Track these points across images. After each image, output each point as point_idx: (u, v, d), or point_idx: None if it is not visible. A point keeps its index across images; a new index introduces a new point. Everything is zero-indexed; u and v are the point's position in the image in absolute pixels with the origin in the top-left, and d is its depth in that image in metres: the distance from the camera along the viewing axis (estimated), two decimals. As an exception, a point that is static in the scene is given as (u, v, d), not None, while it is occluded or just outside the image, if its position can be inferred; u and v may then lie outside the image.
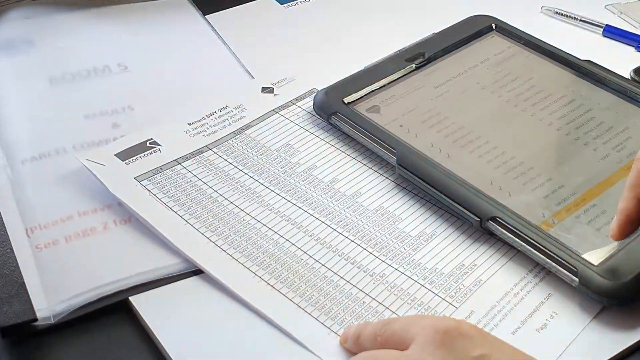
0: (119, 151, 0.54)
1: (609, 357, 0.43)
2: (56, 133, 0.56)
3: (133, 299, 0.46)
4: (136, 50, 0.65)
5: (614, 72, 0.59)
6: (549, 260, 0.46)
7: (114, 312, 0.46)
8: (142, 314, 0.45)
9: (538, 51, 0.62)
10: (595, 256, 0.45)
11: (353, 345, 0.42)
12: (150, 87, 0.61)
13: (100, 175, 0.52)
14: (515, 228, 0.47)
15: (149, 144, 0.54)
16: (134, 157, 0.53)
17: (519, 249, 0.47)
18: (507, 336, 0.44)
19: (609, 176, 0.51)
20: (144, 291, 0.46)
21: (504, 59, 0.61)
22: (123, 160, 0.53)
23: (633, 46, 0.66)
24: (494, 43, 0.63)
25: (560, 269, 0.45)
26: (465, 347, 0.37)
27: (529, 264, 0.47)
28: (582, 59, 0.60)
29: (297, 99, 0.59)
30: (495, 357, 0.37)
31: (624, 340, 0.44)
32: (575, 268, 0.45)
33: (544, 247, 0.46)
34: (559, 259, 0.45)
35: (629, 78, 0.60)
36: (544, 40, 0.62)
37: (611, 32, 0.67)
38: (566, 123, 0.55)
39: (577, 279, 0.45)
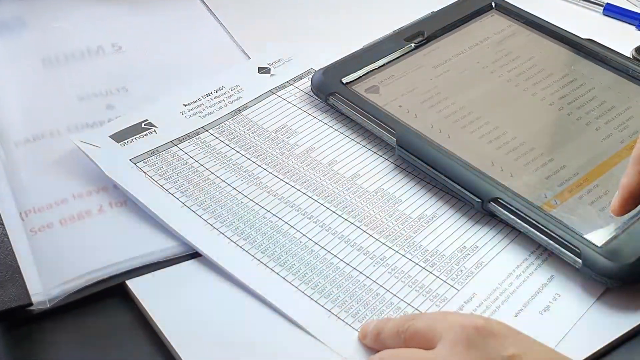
0: (113, 133, 0.53)
1: (612, 339, 0.42)
2: (50, 115, 0.56)
3: (130, 283, 0.45)
4: (130, 31, 0.64)
5: (616, 51, 0.58)
6: (551, 242, 0.45)
7: (110, 296, 0.45)
8: (139, 298, 0.44)
9: (538, 30, 0.61)
10: (598, 237, 0.45)
11: (373, 342, 0.41)
12: (145, 67, 0.60)
13: (95, 157, 0.51)
14: (517, 209, 0.46)
15: (144, 125, 0.54)
16: (129, 139, 0.52)
17: (521, 230, 0.47)
18: (510, 318, 0.43)
19: (612, 156, 0.50)
20: (140, 275, 0.45)
21: (504, 38, 0.61)
22: (118, 142, 0.52)
23: (634, 25, 0.65)
24: (494, 22, 0.62)
25: (563, 250, 0.45)
26: (496, 346, 0.36)
27: (531, 246, 0.47)
28: (583, 37, 0.59)
29: (295, 80, 0.58)
30: (527, 357, 0.36)
31: (627, 322, 0.43)
32: (578, 249, 0.44)
33: (546, 228, 0.45)
34: (561, 240, 0.45)
35: (631, 57, 0.59)
36: (545, 19, 0.61)
37: (612, 10, 0.66)
38: (568, 103, 0.55)
39: (580, 261, 0.44)
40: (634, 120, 0.53)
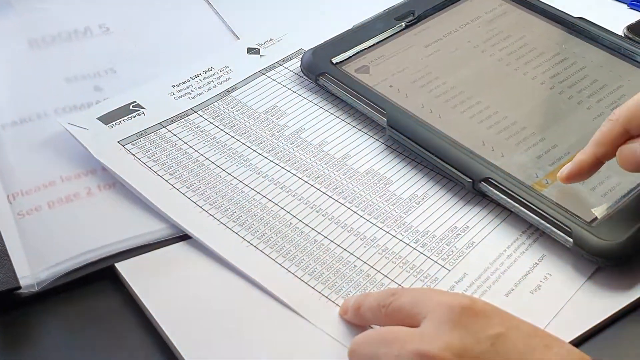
0: (101, 114, 0.52)
1: (603, 318, 0.42)
2: (37, 97, 0.55)
3: (119, 266, 0.45)
4: (118, 11, 0.63)
5: (607, 30, 0.58)
6: (542, 221, 0.45)
7: (99, 279, 0.45)
8: (128, 281, 0.44)
9: (530, 9, 0.60)
10: (589, 216, 0.45)
11: (354, 317, 0.41)
12: (132, 49, 0.59)
13: (83, 139, 0.50)
14: (508, 189, 0.46)
15: (133, 107, 0.53)
16: (117, 121, 0.52)
17: (512, 210, 0.46)
18: (501, 298, 0.43)
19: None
20: (130, 257, 0.45)
21: (495, 17, 0.60)
22: (106, 124, 0.52)
23: (626, 3, 0.64)
24: (484, 1, 0.61)
25: (554, 229, 0.45)
26: (482, 326, 0.36)
27: (522, 225, 0.47)
28: (574, 16, 0.59)
29: (284, 60, 0.58)
30: (513, 335, 0.35)
31: (618, 301, 0.43)
32: (570, 228, 0.44)
33: (537, 207, 0.45)
34: (552, 219, 0.45)
35: (622, 35, 0.59)
36: (536, -3, 0.61)
37: (604, -11, 0.66)
38: (559, 81, 0.54)
39: (571, 240, 0.44)
40: (625, 99, 0.52)
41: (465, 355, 0.35)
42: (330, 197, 0.48)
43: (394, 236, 0.46)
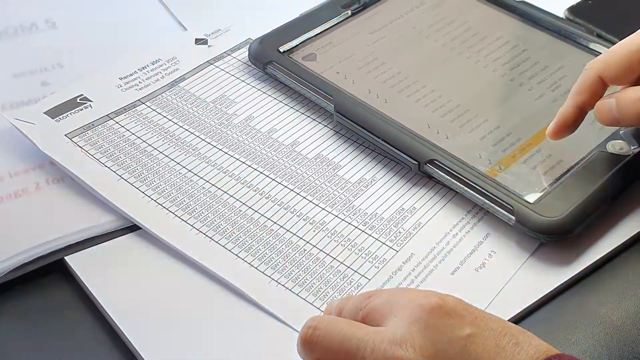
0: (48, 109, 0.52)
1: (546, 292, 0.43)
2: (-17, 93, 0.55)
3: (69, 259, 0.45)
4: (64, 6, 0.62)
5: (549, 12, 0.59)
6: (486, 200, 0.46)
7: (50, 273, 0.45)
8: (78, 274, 0.44)
9: (473, -7, 0.61)
10: (530, 194, 0.46)
11: None
12: (79, 43, 0.59)
13: (30, 134, 0.50)
14: (453, 170, 0.47)
15: (79, 100, 0.53)
16: (64, 114, 0.52)
17: (457, 190, 0.47)
18: (447, 276, 0.44)
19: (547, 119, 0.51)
20: (80, 250, 0.45)
21: (439, 3, 0.61)
22: (53, 118, 0.51)
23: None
24: (429, -13, 0.62)
25: (497, 208, 0.46)
26: (453, 327, 0.35)
27: (467, 205, 0.48)
28: (517, 0, 0.60)
29: (232, 50, 0.58)
30: (484, 335, 0.35)
31: (561, 275, 0.44)
32: (511, 206, 0.45)
33: (480, 187, 0.46)
34: (495, 198, 0.46)
35: (563, 17, 0.60)
36: (479, -17, 0.62)
37: (546, -28, 0.67)
38: (502, 64, 0.55)
39: (513, 217, 0.45)
40: (566, 79, 0.54)
41: (437, 357, 0.34)
42: (279, 183, 0.49)
43: (343, 219, 0.47)
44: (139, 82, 0.55)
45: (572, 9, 0.61)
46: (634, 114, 0.43)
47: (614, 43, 0.56)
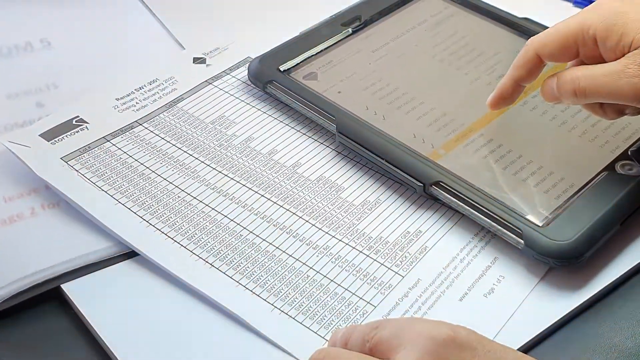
0: (43, 131, 0.51)
1: (557, 319, 0.42)
2: (-24, 115, 0.54)
3: (65, 287, 0.44)
4: (59, 25, 0.61)
5: (553, 29, 0.58)
6: (493, 223, 0.45)
7: (46, 301, 0.44)
8: (75, 302, 0.43)
9: (475, 11, 0.60)
10: (539, 217, 0.45)
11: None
12: (75, 63, 0.58)
13: (25, 157, 0.49)
14: (459, 192, 0.46)
15: (75, 121, 0.52)
16: (60, 137, 0.51)
17: (464, 212, 0.46)
18: (455, 303, 0.43)
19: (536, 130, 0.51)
20: (76, 278, 0.44)
21: (442, 20, 0.60)
22: (48, 141, 0.50)
23: (570, 2, 0.65)
24: (430, 4, 0.61)
25: (505, 231, 0.44)
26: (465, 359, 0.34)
27: (474, 228, 0.47)
28: (519, 17, 0.59)
29: (231, 69, 0.57)
30: None
31: (572, 300, 0.43)
32: (520, 230, 0.44)
33: (488, 209, 0.45)
34: (503, 221, 0.44)
35: (568, 34, 0.59)
36: (481, 0, 0.61)
37: (548, -12, 0.66)
38: (506, 82, 0.54)
39: (522, 241, 0.44)
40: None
41: None
42: (281, 206, 0.48)
43: (347, 244, 0.46)
44: (136, 103, 0.54)
45: (576, 26, 0.60)
46: (569, 91, 0.44)
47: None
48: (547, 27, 0.58)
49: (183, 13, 0.63)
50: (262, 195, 0.48)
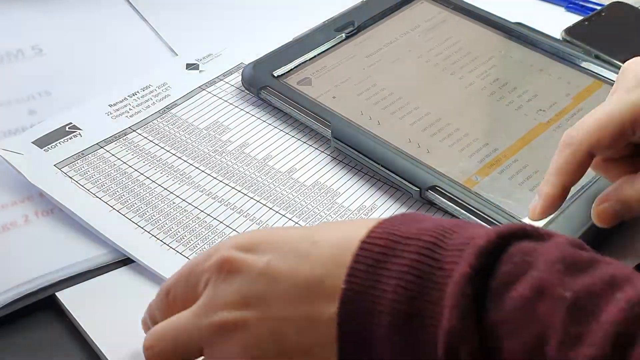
0: (36, 138, 0.51)
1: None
2: (-32, 123, 0.53)
3: (60, 295, 0.43)
4: (51, 32, 0.61)
5: (546, 34, 0.58)
6: (488, 226, 0.45)
7: (41, 309, 0.43)
8: (70, 310, 0.43)
9: (469, 16, 0.61)
10: (535, 222, 0.45)
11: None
12: (67, 69, 0.58)
13: (18, 164, 0.49)
14: (455, 196, 0.46)
15: (69, 128, 0.52)
16: (53, 144, 0.50)
17: (459, 216, 0.46)
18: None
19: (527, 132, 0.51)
20: (71, 285, 0.44)
21: (435, 25, 0.60)
22: (41, 148, 0.50)
23: (563, 6, 0.65)
24: (424, 9, 0.62)
25: (502, 234, 0.44)
26: (249, 266, 0.34)
27: (471, 232, 0.46)
28: (512, 21, 0.59)
29: (225, 75, 0.57)
30: (279, 257, 0.34)
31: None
32: (518, 233, 0.44)
33: (484, 214, 0.45)
34: (498, 224, 0.44)
35: (560, 39, 0.60)
36: (474, 4, 0.61)
37: (540, -7, 0.66)
38: (499, 87, 0.54)
39: (519, 244, 0.44)
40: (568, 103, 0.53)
41: (249, 303, 0.33)
42: (277, 212, 0.47)
43: (343, 249, 0.45)
44: (130, 109, 0.53)
45: (569, 30, 0.60)
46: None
47: (611, 64, 0.56)
48: (540, 32, 0.58)
49: (175, 19, 0.63)
50: (258, 201, 0.48)
